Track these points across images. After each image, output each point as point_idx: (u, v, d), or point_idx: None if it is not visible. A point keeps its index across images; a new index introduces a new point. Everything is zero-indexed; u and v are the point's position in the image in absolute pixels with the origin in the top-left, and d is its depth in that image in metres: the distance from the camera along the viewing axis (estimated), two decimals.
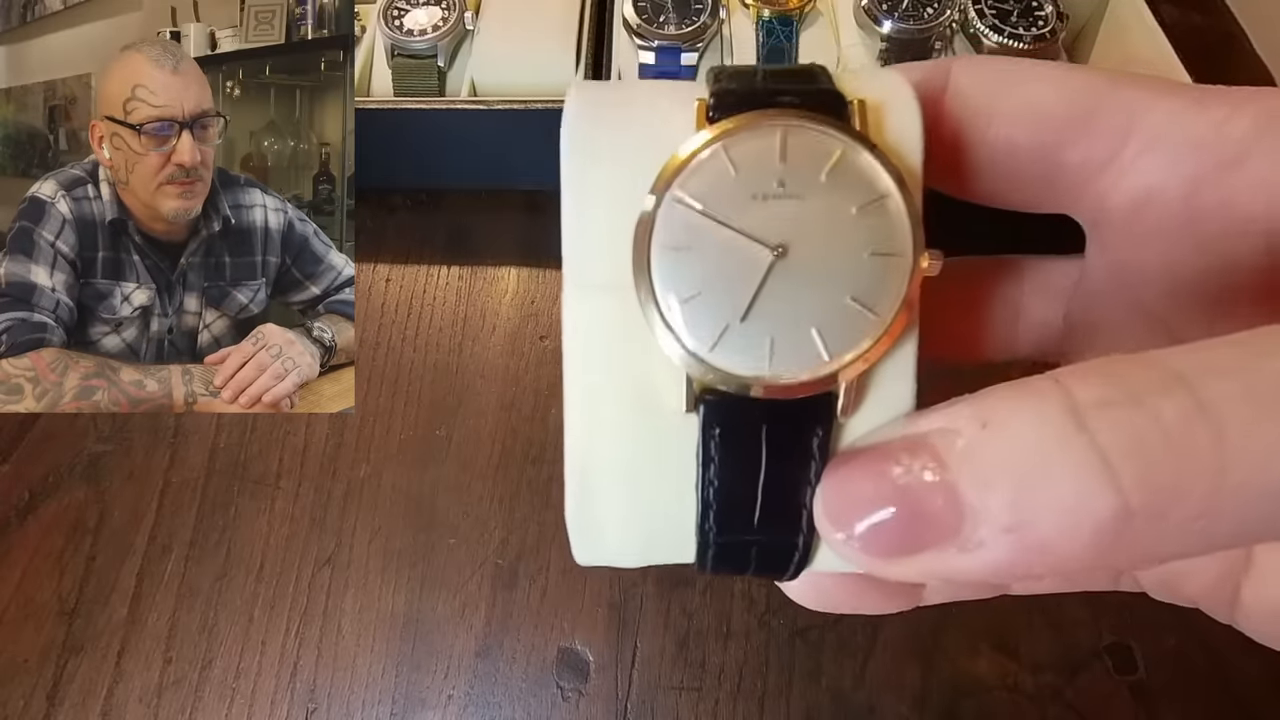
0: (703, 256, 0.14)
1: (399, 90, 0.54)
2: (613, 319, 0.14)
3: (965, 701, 0.39)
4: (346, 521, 0.44)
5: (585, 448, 0.15)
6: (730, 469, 0.14)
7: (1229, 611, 0.16)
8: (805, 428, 0.14)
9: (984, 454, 0.12)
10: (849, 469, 0.13)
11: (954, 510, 0.12)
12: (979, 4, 0.52)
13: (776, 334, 0.13)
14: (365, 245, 0.54)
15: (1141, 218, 0.15)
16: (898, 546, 0.12)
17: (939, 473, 0.12)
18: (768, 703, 0.39)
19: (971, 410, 0.12)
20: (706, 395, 0.14)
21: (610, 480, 0.15)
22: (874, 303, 0.13)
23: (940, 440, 0.12)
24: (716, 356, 0.13)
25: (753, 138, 0.14)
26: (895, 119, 0.14)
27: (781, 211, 0.13)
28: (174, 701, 0.40)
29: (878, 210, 0.13)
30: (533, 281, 0.52)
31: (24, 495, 0.45)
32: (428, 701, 0.40)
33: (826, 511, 0.13)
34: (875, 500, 0.13)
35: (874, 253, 0.13)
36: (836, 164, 0.14)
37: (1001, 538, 0.11)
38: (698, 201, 0.14)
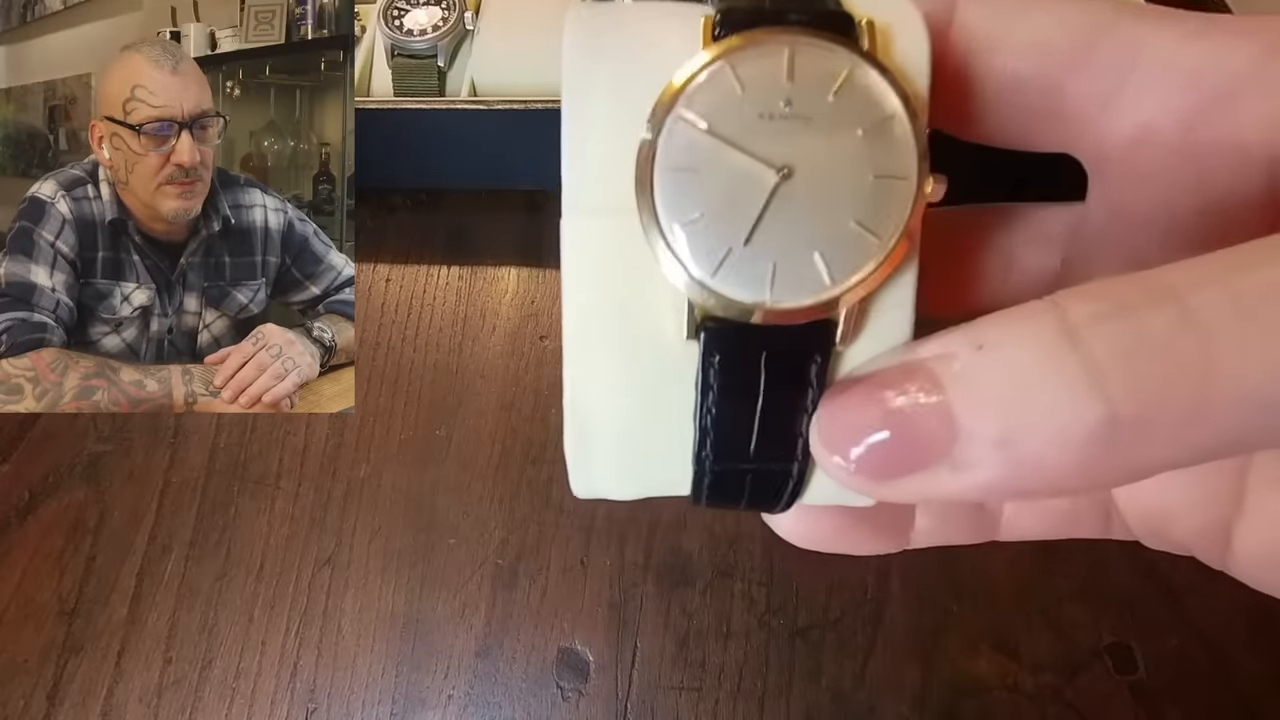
0: (707, 178, 0.13)
1: (399, 90, 0.54)
2: (612, 244, 0.14)
3: (965, 701, 0.39)
4: (346, 521, 0.44)
5: (583, 377, 0.15)
6: (729, 397, 0.14)
7: (1221, 557, 0.16)
8: (804, 355, 0.14)
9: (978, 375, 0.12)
10: (846, 395, 0.13)
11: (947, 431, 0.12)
12: None
13: (780, 259, 0.13)
14: (365, 245, 0.54)
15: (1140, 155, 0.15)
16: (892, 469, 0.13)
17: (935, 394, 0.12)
18: (768, 703, 0.39)
19: (967, 335, 0.12)
20: (707, 322, 0.14)
21: (607, 409, 0.15)
22: (877, 226, 0.13)
23: (936, 365, 0.12)
24: (719, 282, 0.13)
25: (760, 55, 0.13)
26: (903, 40, 0.14)
27: (788, 132, 0.13)
28: (174, 701, 0.40)
29: (884, 132, 0.13)
30: (533, 281, 0.52)
31: (24, 495, 0.45)
32: (428, 701, 0.40)
33: (823, 437, 0.14)
34: (871, 424, 0.13)
35: (878, 175, 0.13)
36: (844, 83, 0.13)
37: (993, 454, 0.12)
38: (703, 120, 0.13)
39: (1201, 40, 0.14)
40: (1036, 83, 0.15)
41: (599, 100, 0.14)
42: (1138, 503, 0.18)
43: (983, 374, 0.12)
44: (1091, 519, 0.18)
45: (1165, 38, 0.14)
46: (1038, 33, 0.15)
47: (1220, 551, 0.16)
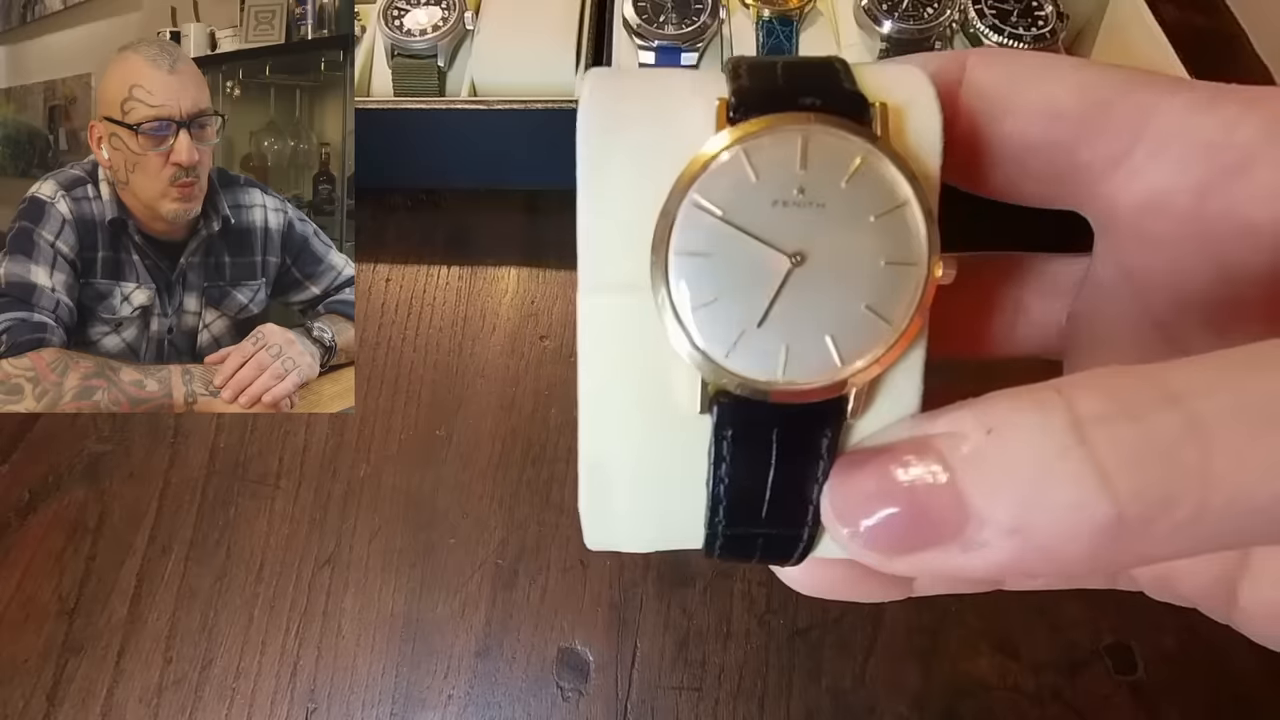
0: (721, 263, 0.14)
1: (399, 90, 0.54)
2: (627, 319, 0.15)
3: (965, 701, 0.39)
4: (346, 521, 0.44)
5: (598, 443, 0.15)
6: (741, 468, 0.14)
7: (1226, 612, 0.17)
8: (815, 429, 0.14)
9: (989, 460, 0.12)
10: (857, 468, 0.14)
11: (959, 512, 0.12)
12: (979, 4, 0.51)
13: (791, 341, 0.14)
14: (365, 245, 0.54)
15: (1150, 221, 0.15)
16: (902, 543, 0.13)
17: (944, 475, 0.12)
18: (768, 703, 0.39)
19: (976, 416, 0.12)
20: (720, 397, 0.14)
21: (621, 475, 0.15)
22: (888, 311, 0.14)
23: (946, 443, 0.13)
24: (732, 361, 0.14)
25: (774, 143, 0.14)
26: (916, 122, 0.14)
27: (801, 219, 0.14)
28: (174, 701, 0.40)
29: (895, 219, 0.14)
30: (533, 281, 0.52)
31: (24, 495, 0.45)
32: (428, 701, 0.40)
33: (834, 508, 0.14)
34: (881, 499, 0.13)
35: (889, 261, 0.14)
36: (856, 171, 0.14)
37: (1004, 540, 0.12)
38: (718, 207, 0.14)
39: (1210, 111, 0.14)
40: (1046, 146, 0.15)
41: (615, 178, 0.15)
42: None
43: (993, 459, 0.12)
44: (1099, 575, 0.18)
45: (1175, 107, 0.14)
46: (1047, 99, 0.15)
47: (1226, 607, 0.16)
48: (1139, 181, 0.15)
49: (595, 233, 0.15)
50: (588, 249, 0.15)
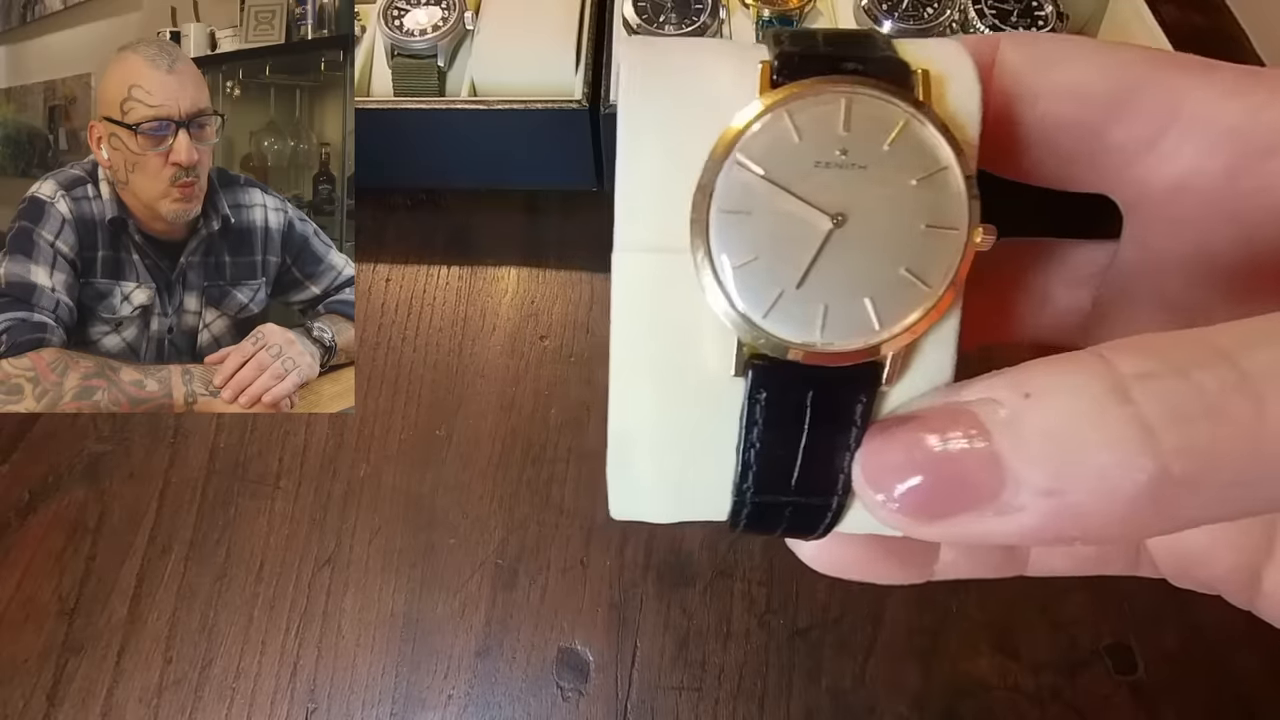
0: (762, 222, 0.14)
1: (399, 90, 0.54)
2: (663, 280, 0.14)
3: (965, 701, 0.39)
4: (346, 521, 0.44)
5: (626, 408, 0.15)
6: (773, 433, 0.14)
7: (1249, 598, 0.16)
8: (850, 395, 0.14)
9: (1027, 423, 0.12)
10: (891, 434, 0.14)
11: (995, 476, 0.12)
12: (979, 4, 0.51)
13: (831, 302, 0.13)
14: (365, 245, 0.54)
15: (1180, 202, 0.15)
16: (936, 509, 0.13)
17: (981, 440, 0.12)
18: (768, 703, 0.39)
19: (1013, 381, 0.12)
20: (755, 360, 0.14)
21: (650, 439, 0.15)
22: (927, 274, 0.13)
23: (982, 409, 0.12)
24: (769, 323, 0.13)
25: (817, 104, 0.14)
26: (956, 90, 0.14)
27: (843, 180, 0.13)
28: (174, 701, 0.40)
29: (936, 183, 0.14)
30: (533, 281, 0.52)
31: (24, 495, 0.45)
32: (428, 701, 0.40)
33: (866, 474, 0.14)
34: (916, 464, 0.13)
35: (929, 225, 0.14)
36: (899, 134, 0.14)
37: (1040, 502, 0.12)
38: (759, 166, 0.14)
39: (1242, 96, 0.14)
40: (1076, 127, 0.15)
41: (653, 139, 0.15)
42: (1169, 544, 0.18)
43: (1030, 422, 0.12)
44: (1122, 559, 0.18)
45: (1207, 93, 0.15)
46: (1078, 80, 0.15)
47: (1249, 593, 0.16)
48: (1170, 163, 0.15)
49: (633, 192, 0.15)
50: (625, 208, 0.15)
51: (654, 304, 0.15)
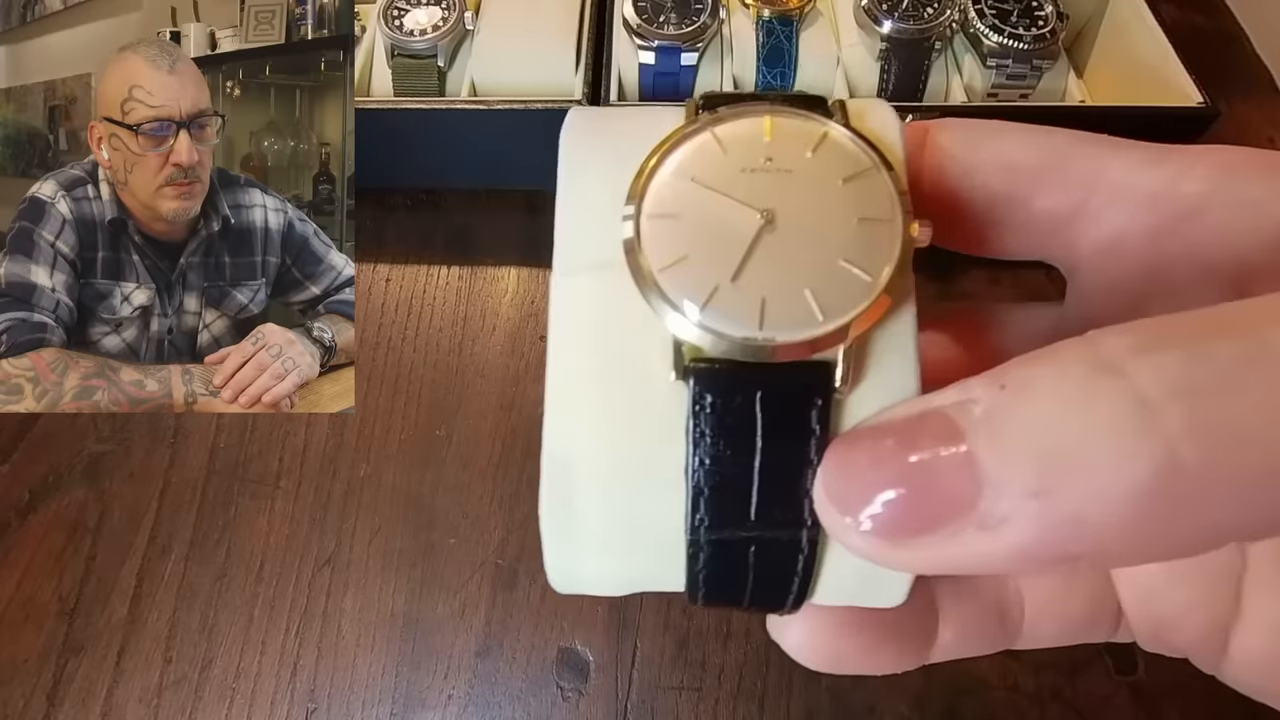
0: (692, 221, 0.13)
1: (399, 90, 0.54)
2: (600, 296, 0.14)
3: (965, 701, 0.39)
4: (346, 521, 0.44)
5: (567, 429, 0.14)
6: (722, 444, 0.13)
7: (1215, 662, 0.17)
8: (803, 396, 0.13)
9: (1003, 417, 0.10)
10: (853, 444, 0.12)
11: (970, 480, 0.10)
12: (979, 4, 0.51)
13: (768, 294, 0.13)
14: (365, 245, 0.54)
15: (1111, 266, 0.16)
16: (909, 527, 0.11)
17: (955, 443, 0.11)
18: (768, 703, 0.39)
19: (988, 378, 0.11)
20: (696, 363, 0.13)
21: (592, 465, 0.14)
22: (866, 264, 0.13)
23: (955, 411, 0.11)
24: (707, 317, 0.13)
25: (740, 124, 0.14)
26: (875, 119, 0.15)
27: (770, 182, 0.14)
28: (174, 701, 0.40)
29: (864, 181, 0.14)
30: (533, 281, 0.52)
31: (24, 495, 0.45)
32: (428, 701, 0.40)
33: (829, 491, 0.12)
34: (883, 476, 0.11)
35: (863, 219, 0.13)
36: (821, 142, 0.14)
37: (1026, 507, 0.10)
38: (688, 174, 0.14)
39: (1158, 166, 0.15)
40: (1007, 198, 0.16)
41: (590, 175, 0.15)
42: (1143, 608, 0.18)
43: (1008, 416, 0.10)
44: (1105, 626, 0.18)
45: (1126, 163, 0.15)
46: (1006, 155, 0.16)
47: (1215, 657, 0.16)
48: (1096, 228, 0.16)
49: (570, 223, 0.15)
50: (563, 237, 0.15)
51: (593, 320, 0.14)
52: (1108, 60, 0.55)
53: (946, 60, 0.53)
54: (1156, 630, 0.17)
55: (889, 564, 0.12)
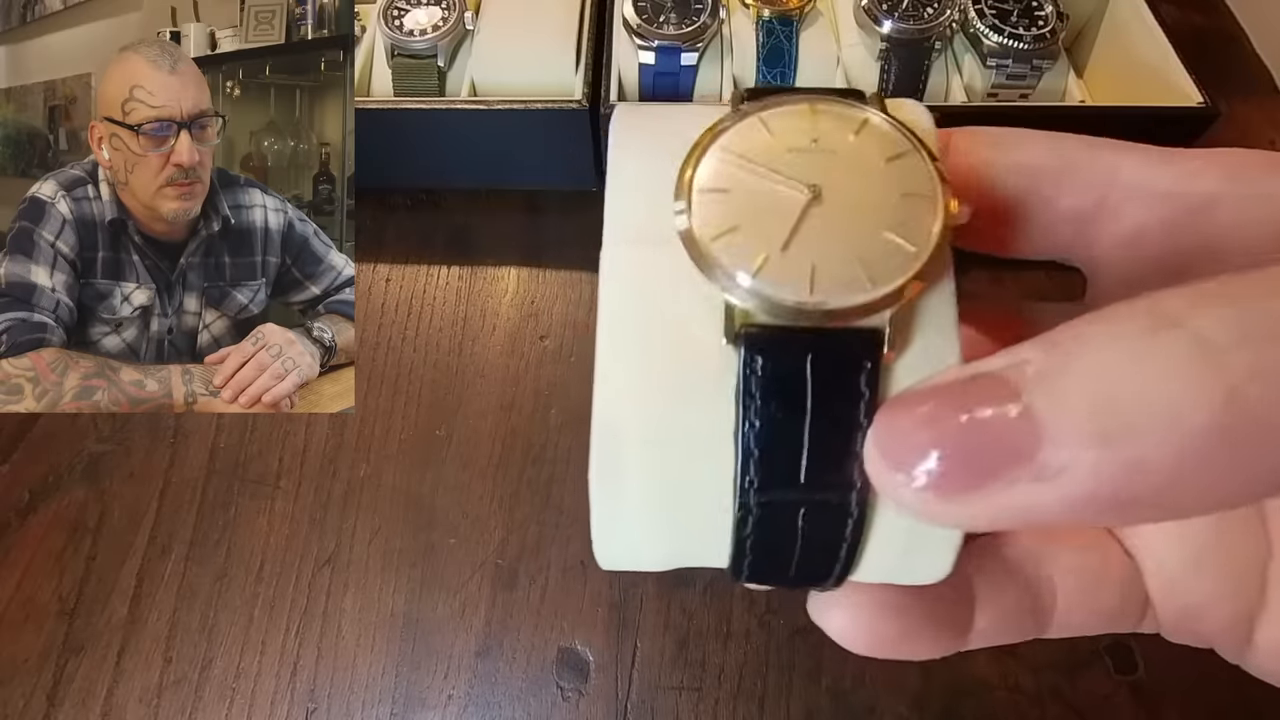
0: (742, 196, 0.14)
1: (399, 90, 0.54)
2: (649, 268, 0.15)
3: (965, 701, 0.39)
4: (346, 521, 0.44)
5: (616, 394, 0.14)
6: (773, 408, 0.13)
7: (1240, 651, 0.17)
8: (852, 361, 0.13)
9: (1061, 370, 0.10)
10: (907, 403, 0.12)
11: (1030, 432, 0.10)
12: (979, 4, 0.51)
13: (818, 261, 0.13)
14: (365, 245, 0.54)
15: (1130, 260, 0.17)
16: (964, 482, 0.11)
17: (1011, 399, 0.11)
18: (768, 703, 0.39)
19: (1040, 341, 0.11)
20: (747, 327, 0.13)
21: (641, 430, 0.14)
22: (911, 236, 0.14)
23: (1009, 370, 0.11)
24: (759, 283, 0.13)
25: (784, 109, 0.15)
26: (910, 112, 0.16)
27: (816, 161, 0.14)
28: (174, 701, 0.40)
29: (906, 161, 0.14)
30: (533, 281, 0.52)
31: (24, 495, 0.45)
32: (428, 701, 0.40)
33: (881, 448, 0.12)
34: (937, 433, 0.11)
35: (905, 194, 0.14)
36: (863, 126, 0.15)
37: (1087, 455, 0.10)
38: (737, 153, 0.15)
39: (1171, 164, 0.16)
40: (1031, 198, 0.17)
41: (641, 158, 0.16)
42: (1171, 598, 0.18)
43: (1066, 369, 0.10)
44: (1133, 615, 0.18)
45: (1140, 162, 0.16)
46: (1027, 157, 0.17)
47: (1240, 645, 0.17)
48: (1115, 224, 0.16)
49: (621, 199, 0.16)
50: (613, 211, 0.15)
51: (642, 291, 0.15)
52: (1108, 60, 0.55)
53: (946, 60, 0.53)
54: (1182, 620, 0.18)
55: (940, 520, 0.12)
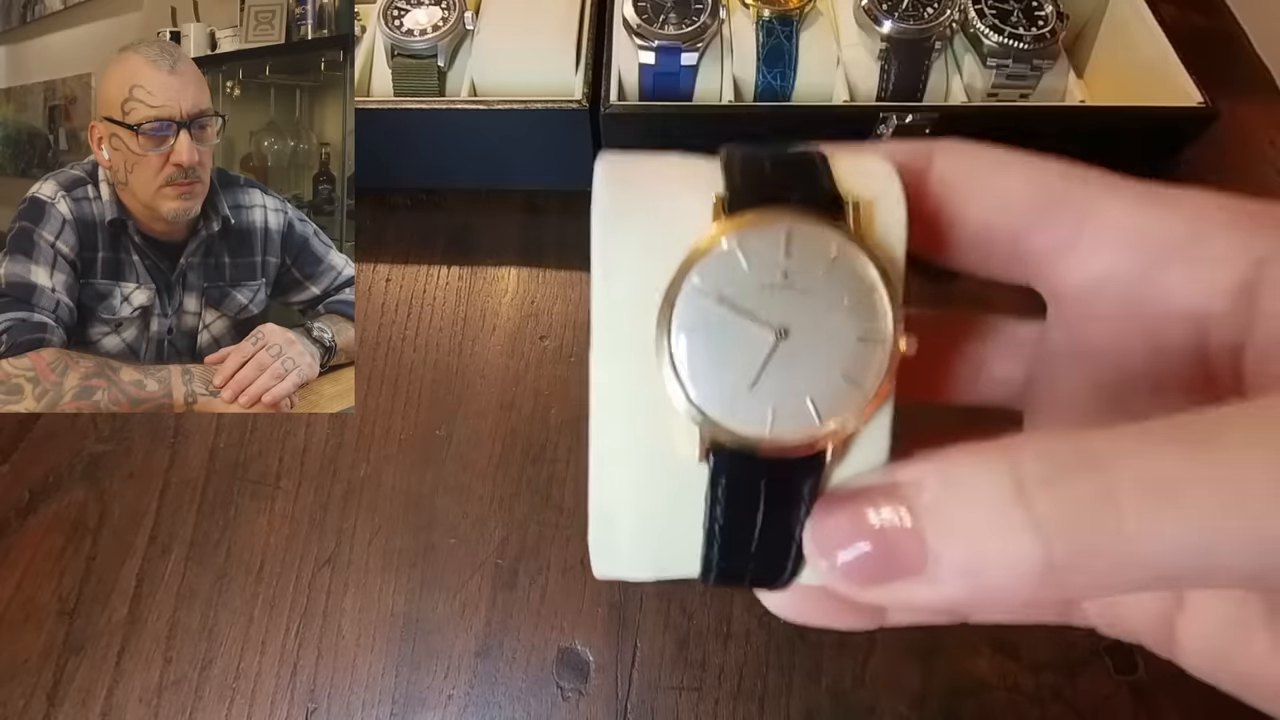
0: (716, 337, 0.16)
1: (399, 90, 0.54)
2: (635, 381, 0.17)
3: (965, 701, 0.39)
4: (346, 521, 0.44)
5: (606, 492, 0.18)
6: (733, 511, 0.16)
7: (1168, 648, 0.18)
8: (798, 477, 0.16)
9: (945, 509, 0.14)
10: (833, 509, 0.16)
11: (920, 552, 0.14)
12: (979, 4, 0.51)
13: (777, 404, 0.16)
14: (365, 245, 0.54)
15: (1093, 301, 0.18)
16: (872, 577, 0.15)
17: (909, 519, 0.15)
18: (768, 703, 0.39)
19: (936, 468, 0.15)
20: (716, 449, 0.16)
21: (629, 515, 0.18)
22: (860, 378, 0.16)
23: (910, 491, 0.15)
24: (727, 420, 0.16)
25: (762, 236, 0.16)
26: (883, 216, 0.17)
27: (785, 300, 0.16)
28: (174, 701, 0.40)
29: (866, 302, 0.16)
30: (533, 281, 0.52)
31: (24, 495, 0.45)
32: (428, 701, 0.40)
33: (814, 543, 0.16)
34: (854, 536, 0.15)
35: (860, 338, 0.16)
36: (833, 261, 0.16)
37: (957, 578, 0.14)
38: (713, 290, 0.16)
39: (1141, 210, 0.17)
40: (1003, 232, 0.18)
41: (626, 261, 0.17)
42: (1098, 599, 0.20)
43: (948, 509, 0.14)
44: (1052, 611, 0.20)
45: (1114, 205, 0.17)
46: (1004, 191, 0.18)
47: (1167, 644, 0.18)
48: (1083, 267, 0.17)
49: (606, 308, 0.17)
50: (600, 322, 0.17)
51: (629, 401, 0.17)
52: (1108, 60, 0.55)
53: (946, 60, 0.53)
54: (1110, 620, 0.19)
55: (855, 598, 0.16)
